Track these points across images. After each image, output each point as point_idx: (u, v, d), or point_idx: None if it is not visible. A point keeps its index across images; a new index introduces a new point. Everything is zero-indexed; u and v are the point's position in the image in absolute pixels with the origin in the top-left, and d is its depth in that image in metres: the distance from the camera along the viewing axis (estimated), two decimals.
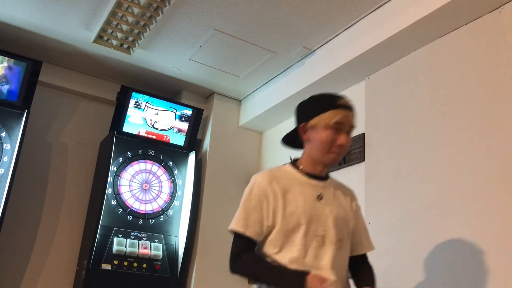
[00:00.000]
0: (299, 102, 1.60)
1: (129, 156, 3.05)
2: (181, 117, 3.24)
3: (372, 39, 2.36)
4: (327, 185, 1.53)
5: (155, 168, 3.12)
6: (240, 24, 2.57)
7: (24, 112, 2.74)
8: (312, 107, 1.54)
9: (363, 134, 2.53)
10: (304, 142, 1.56)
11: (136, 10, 2.54)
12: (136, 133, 3.09)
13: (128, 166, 3.04)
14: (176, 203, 3.11)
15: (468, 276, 1.83)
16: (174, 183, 3.15)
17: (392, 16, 2.27)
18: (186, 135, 3.25)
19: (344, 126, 1.52)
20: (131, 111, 3.08)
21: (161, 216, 3.03)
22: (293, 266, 1.39)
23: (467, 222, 1.89)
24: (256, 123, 3.40)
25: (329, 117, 1.48)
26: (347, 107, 1.54)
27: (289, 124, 3.25)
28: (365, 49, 2.39)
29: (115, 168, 2.97)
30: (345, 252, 1.49)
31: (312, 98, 1.58)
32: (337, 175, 2.66)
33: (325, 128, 1.48)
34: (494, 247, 1.77)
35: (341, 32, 2.60)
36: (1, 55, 2.72)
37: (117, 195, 2.93)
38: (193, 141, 3.27)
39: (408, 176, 2.21)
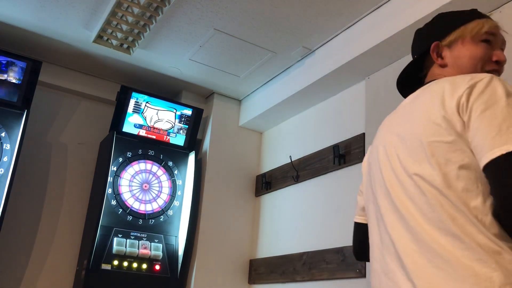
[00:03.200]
0: (416, 29, 1.30)
1: (129, 156, 3.05)
2: (181, 117, 3.24)
3: (372, 39, 2.36)
4: None
5: (155, 168, 3.12)
6: (240, 24, 2.57)
7: (24, 112, 2.74)
8: (446, 21, 1.22)
9: (363, 134, 2.53)
10: (436, 70, 1.21)
11: (136, 10, 2.54)
12: (136, 133, 3.09)
13: (128, 166, 3.03)
14: (176, 203, 3.11)
15: None
16: (174, 183, 3.15)
17: (392, 16, 2.27)
18: (186, 135, 3.25)
19: (497, 39, 1.18)
20: (131, 111, 3.08)
21: (161, 216, 3.03)
22: None
23: None
24: (256, 123, 3.40)
25: (478, 26, 1.15)
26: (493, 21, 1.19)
27: (289, 124, 3.28)
28: (365, 49, 2.39)
29: (115, 168, 2.97)
30: None
31: (441, 15, 1.26)
32: (337, 175, 2.68)
33: (472, 40, 1.15)
34: None
35: (341, 32, 2.60)
36: (1, 55, 2.72)
37: (117, 195, 2.93)
38: (193, 141, 3.27)
39: None
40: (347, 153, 2.61)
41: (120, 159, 3.01)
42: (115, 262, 2.80)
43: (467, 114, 0.96)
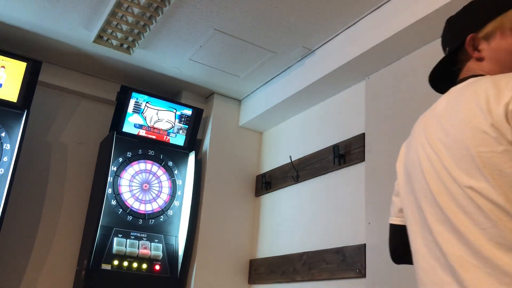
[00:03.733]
0: (448, 18, 1.23)
1: (129, 156, 3.05)
2: (181, 117, 3.24)
3: (372, 39, 2.36)
4: None
5: (155, 168, 3.12)
6: (240, 24, 2.57)
7: (24, 112, 2.74)
8: (482, 9, 1.13)
9: (363, 134, 2.53)
10: (472, 64, 1.13)
11: (136, 10, 2.54)
12: (136, 133, 3.09)
13: (128, 166, 3.04)
14: (176, 203, 3.11)
15: None
16: (174, 183, 3.15)
17: (392, 16, 2.27)
18: (186, 135, 3.25)
19: None
20: (131, 111, 3.08)
21: (161, 216, 3.03)
22: None
23: None
24: (256, 123, 3.40)
25: None
26: None
27: (289, 124, 3.28)
28: (365, 49, 2.39)
29: (115, 168, 2.97)
30: None
31: (475, 2, 1.16)
32: (337, 175, 2.68)
33: None
34: None
35: (341, 32, 2.60)
36: (1, 55, 2.72)
37: (117, 195, 2.93)
38: (193, 141, 3.27)
39: None
40: (347, 153, 2.61)
41: (120, 159, 3.01)
42: (115, 262, 2.80)
43: None
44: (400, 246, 1.25)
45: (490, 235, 0.91)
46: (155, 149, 3.14)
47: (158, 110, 3.18)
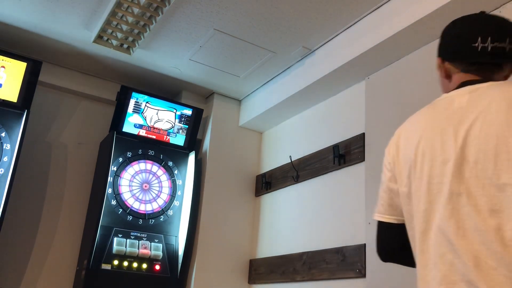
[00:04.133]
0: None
1: (129, 156, 3.05)
2: (181, 117, 3.24)
3: (372, 39, 2.36)
4: None
5: (155, 168, 3.12)
6: (240, 24, 2.57)
7: (24, 112, 2.74)
8: None
9: (363, 134, 2.53)
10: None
11: (136, 10, 2.54)
12: (136, 133, 3.09)
13: (128, 166, 3.04)
14: (176, 203, 3.11)
15: None
16: (174, 183, 3.15)
17: (392, 16, 2.27)
18: (186, 135, 3.25)
19: None
20: (131, 111, 3.08)
21: (161, 216, 3.03)
22: None
23: None
24: (256, 123, 3.40)
25: None
26: None
27: (289, 124, 3.28)
28: (365, 49, 2.39)
29: (115, 168, 2.97)
30: None
31: None
32: (337, 175, 2.68)
33: None
34: None
35: (341, 32, 2.60)
36: (1, 55, 2.72)
37: (117, 195, 2.93)
38: (193, 141, 3.27)
39: None
40: (347, 153, 2.61)
41: (120, 159, 3.01)
42: (115, 262, 2.80)
43: None
44: (393, 244, 1.25)
45: None
46: (155, 149, 3.14)
47: (158, 110, 3.18)
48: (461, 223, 1.00)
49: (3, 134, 2.66)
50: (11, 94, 2.73)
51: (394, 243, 1.25)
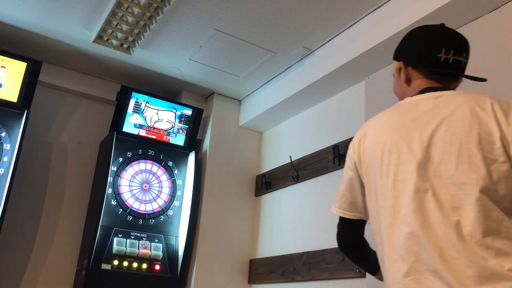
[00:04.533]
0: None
1: (129, 156, 3.05)
2: (181, 117, 3.24)
3: (372, 39, 2.36)
4: None
5: (155, 168, 3.12)
6: (240, 24, 2.57)
7: (24, 112, 2.74)
8: None
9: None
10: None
11: (136, 10, 2.54)
12: (136, 133, 3.09)
13: (128, 166, 3.04)
14: (176, 203, 3.11)
15: None
16: (174, 183, 3.15)
17: (392, 16, 2.27)
18: (186, 135, 3.25)
19: None
20: (131, 111, 3.08)
21: (161, 216, 3.03)
22: None
23: None
24: (256, 123, 3.40)
25: None
26: None
27: (289, 124, 3.28)
28: (365, 49, 2.39)
29: (115, 168, 2.97)
30: None
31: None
32: (337, 175, 2.68)
33: None
34: None
35: (341, 32, 2.60)
36: (1, 55, 2.72)
37: (117, 195, 2.93)
38: (193, 141, 3.27)
39: None
40: (346, 153, 2.60)
41: (120, 159, 3.01)
42: (115, 262, 2.80)
43: None
44: (352, 238, 1.41)
45: None
46: (155, 149, 3.14)
47: (158, 110, 3.18)
48: (426, 217, 1.08)
49: (3, 134, 2.66)
50: (11, 94, 2.73)
51: (354, 237, 1.41)
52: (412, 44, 1.35)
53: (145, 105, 3.14)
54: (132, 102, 3.08)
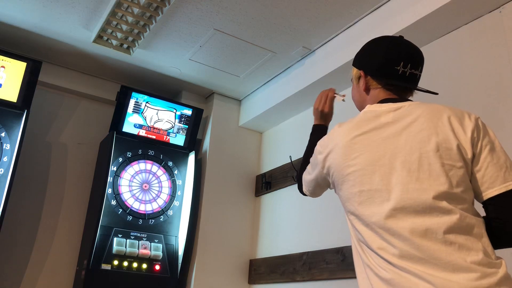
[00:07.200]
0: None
1: (129, 156, 3.05)
2: (181, 117, 3.24)
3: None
4: None
5: (155, 168, 3.12)
6: (240, 24, 2.57)
7: (24, 112, 2.74)
8: None
9: None
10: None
11: (136, 10, 2.54)
12: (136, 133, 3.09)
13: (128, 166, 3.04)
14: (176, 203, 3.11)
15: None
16: (174, 183, 3.15)
17: (392, 16, 2.27)
18: (186, 135, 3.25)
19: None
20: (131, 111, 3.09)
21: (161, 216, 3.03)
22: None
23: None
24: (256, 123, 3.40)
25: None
26: None
27: (289, 124, 3.28)
28: None
29: (115, 168, 2.97)
30: None
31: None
32: None
33: None
34: None
35: (341, 32, 2.60)
36: (1, 55, 2.72)
37: (117, 195, 2.93)
38: (193, 141, 3.27)
39: None
40: None
41: (120, 159, 3.01)
42: (115, 262, 2.80)
43: None
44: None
45: None
46: (155, 149, 3.14)
47: (158, 110, 3.18)
48: (394, 223, 1.13)
49: (3, 134, 2.66)
50: (11, 94, 2.73)
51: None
52: (373, 55, 1.40)
53: (145, 105, 3.14)
54: (132, 102, 3.08)
